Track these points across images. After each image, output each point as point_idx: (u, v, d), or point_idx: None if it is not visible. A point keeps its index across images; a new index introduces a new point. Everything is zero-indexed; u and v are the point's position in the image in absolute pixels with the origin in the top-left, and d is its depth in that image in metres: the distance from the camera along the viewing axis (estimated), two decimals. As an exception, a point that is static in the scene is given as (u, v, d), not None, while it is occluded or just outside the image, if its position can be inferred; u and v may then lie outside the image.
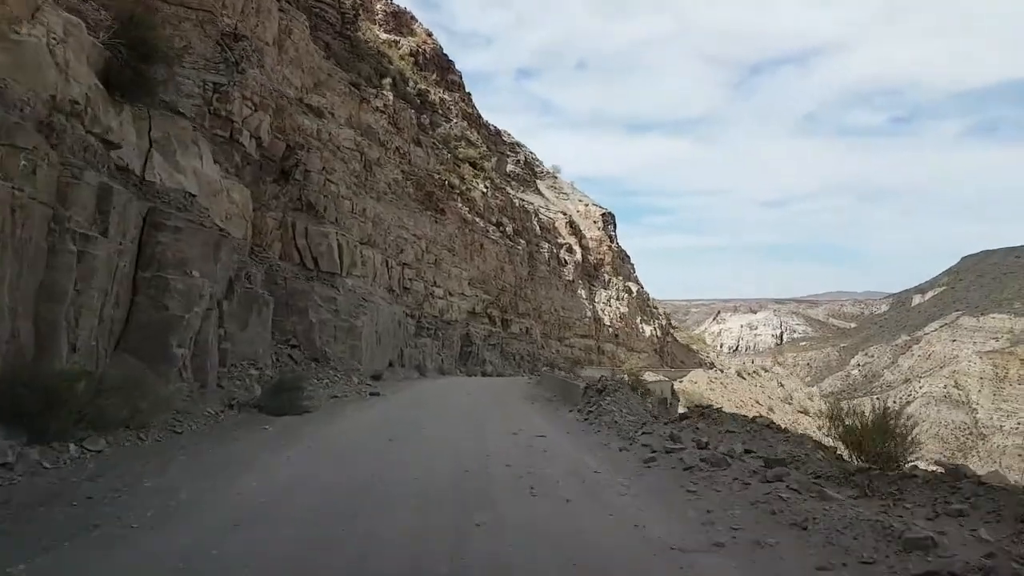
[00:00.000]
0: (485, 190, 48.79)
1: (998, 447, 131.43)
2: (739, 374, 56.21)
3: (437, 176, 42.88)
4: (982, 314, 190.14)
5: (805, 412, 54.21)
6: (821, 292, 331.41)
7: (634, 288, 65.23)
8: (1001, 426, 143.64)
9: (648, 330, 63.71)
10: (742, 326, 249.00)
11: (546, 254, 56.41)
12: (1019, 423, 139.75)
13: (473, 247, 43.38)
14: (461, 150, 49.11)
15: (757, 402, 50.68)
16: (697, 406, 20.27)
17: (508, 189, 55.34)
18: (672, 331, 68.24)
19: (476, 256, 43.41)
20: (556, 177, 71.07)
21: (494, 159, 55.69)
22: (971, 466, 10.26)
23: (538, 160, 71.22)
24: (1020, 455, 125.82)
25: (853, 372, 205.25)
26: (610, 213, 68.59)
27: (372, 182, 35.13)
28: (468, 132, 53.05)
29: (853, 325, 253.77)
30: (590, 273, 62.04)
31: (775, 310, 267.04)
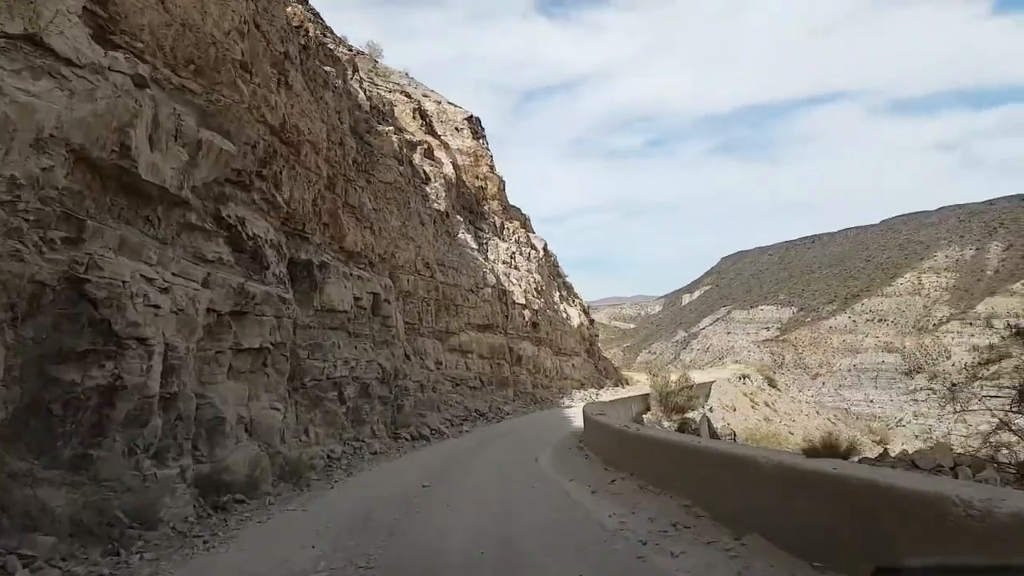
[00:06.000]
0: None
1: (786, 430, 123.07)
2: (770, 383, 28.88)
3: None
4: (751, 307, 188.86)
5: (883, 442, 27.14)
6: (599, 298, 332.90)
7: (539, 245, 33.38)
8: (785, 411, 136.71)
9: (575, 315, 32.47)
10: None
11: (395, 143, 22.14)
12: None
13: None
14: None
15: (830, 434, 23.81)
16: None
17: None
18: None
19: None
20: (377, 61, 36.74)
21: None
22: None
23: (339, 37, 36.07)
24: (804, 437, 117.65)
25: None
26: (477, 118, 36.01)
27: None
28: None
29: (633, 326, 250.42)
30: (471, 208, 28.96)
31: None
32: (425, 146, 26.93)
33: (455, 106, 36.12)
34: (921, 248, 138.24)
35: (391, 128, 23.52)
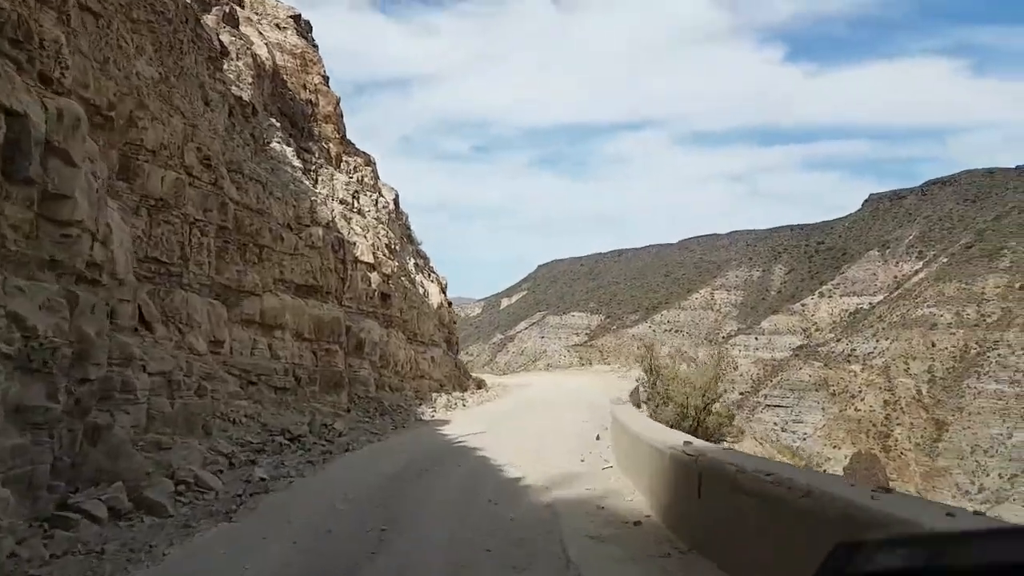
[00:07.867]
0: None
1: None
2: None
3: None
4: (564, 312, 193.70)
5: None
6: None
7: (389, 196, 24.08)
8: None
9: (434, 293, 23.73)
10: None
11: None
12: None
13: None
14: None
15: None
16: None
17: None
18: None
19: None
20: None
21: None
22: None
23: None
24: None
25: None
26: (307, 21, 26.11)
27: None
28: None
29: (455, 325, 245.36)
30: (294, 120, 19.31)
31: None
32: (227, 9, 16.91)
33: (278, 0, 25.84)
34: (714, 267, 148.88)
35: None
